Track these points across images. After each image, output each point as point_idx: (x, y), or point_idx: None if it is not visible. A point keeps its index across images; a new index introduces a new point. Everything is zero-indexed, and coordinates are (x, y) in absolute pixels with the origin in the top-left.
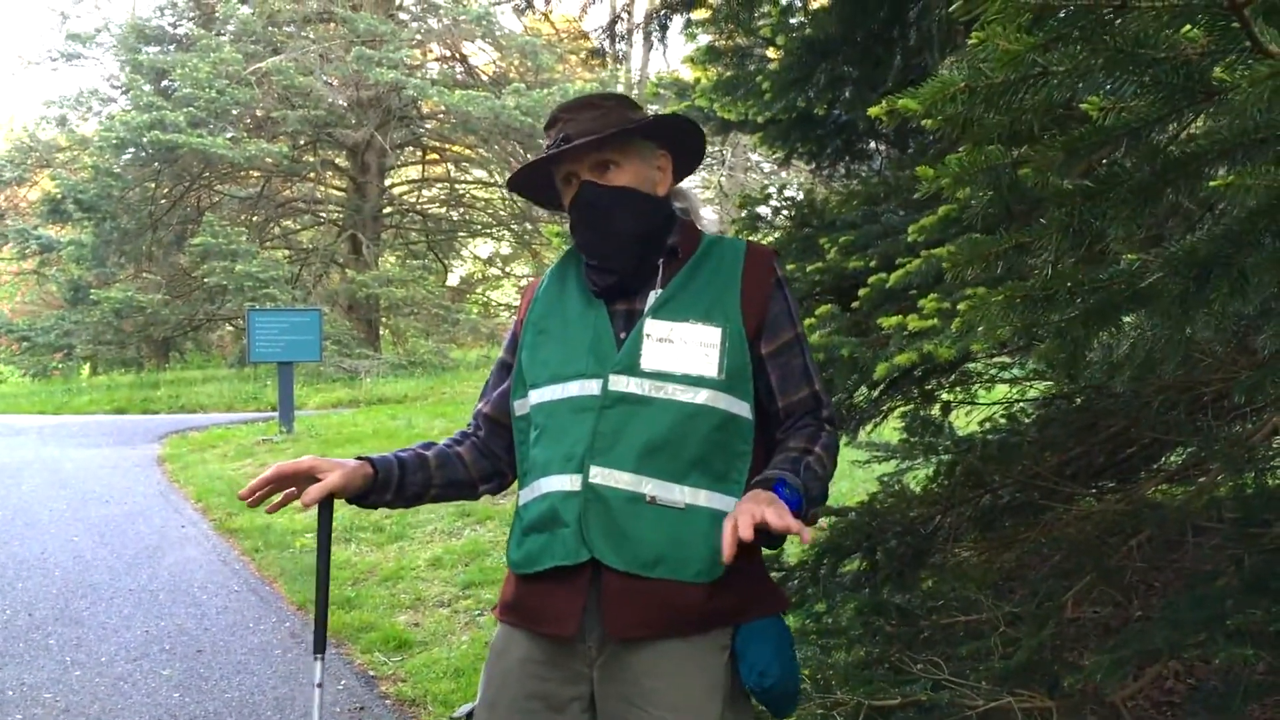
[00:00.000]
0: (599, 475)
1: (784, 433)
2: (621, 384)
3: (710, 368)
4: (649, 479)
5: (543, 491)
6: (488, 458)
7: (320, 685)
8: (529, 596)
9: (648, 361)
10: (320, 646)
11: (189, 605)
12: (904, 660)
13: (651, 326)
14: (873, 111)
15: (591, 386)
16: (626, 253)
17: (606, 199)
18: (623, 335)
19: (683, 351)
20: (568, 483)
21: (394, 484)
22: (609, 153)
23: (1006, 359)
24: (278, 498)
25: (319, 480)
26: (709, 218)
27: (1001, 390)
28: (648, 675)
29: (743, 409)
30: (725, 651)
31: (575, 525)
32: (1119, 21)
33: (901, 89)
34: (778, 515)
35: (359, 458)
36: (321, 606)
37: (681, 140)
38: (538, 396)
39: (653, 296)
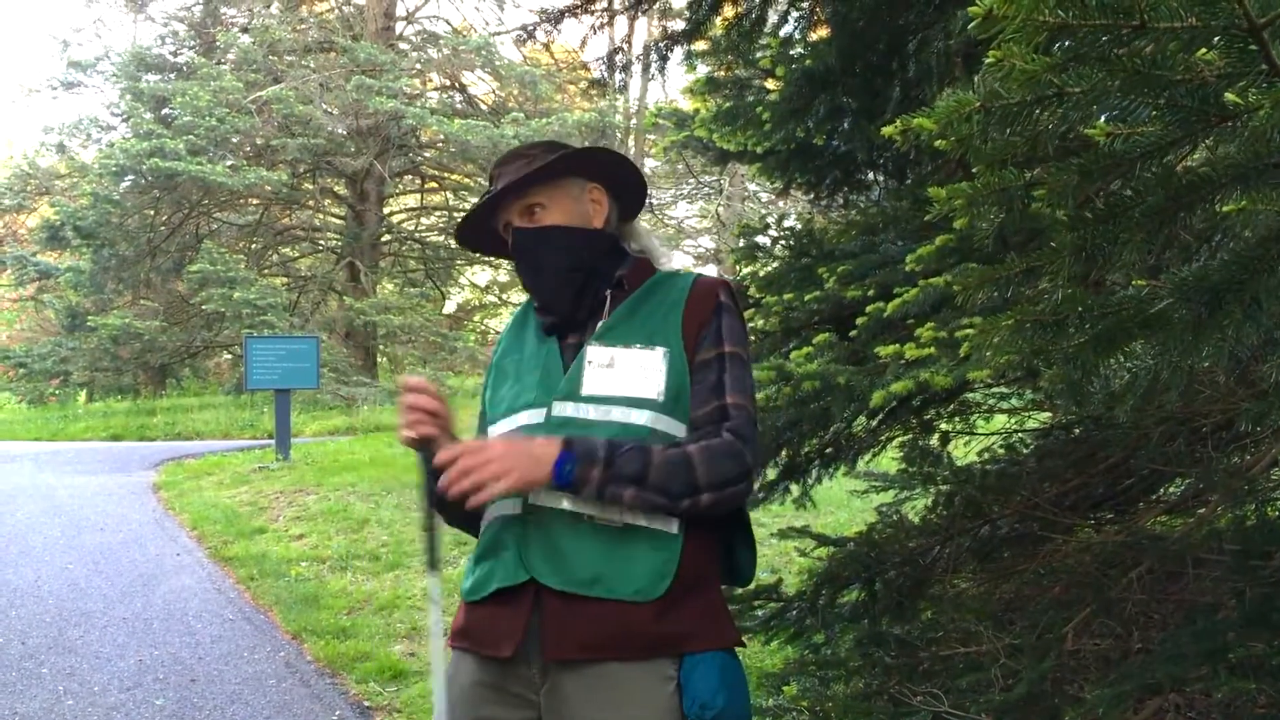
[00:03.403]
0: (536, 496)
1: None
2: (564, 409)
3: (651, 389)
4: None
5: (491, 518)
6: None
7: (436, 603)
8: (475, 621)
9: (589, 387)
10: (435, 564)
11: (183, 634)
12: (903, 692)
13: (593, 353)
14: (886, 131)
15: (537, 415)
16: (562, 288)
17: (533, 239)
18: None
19: (624, 376)
20: (510, 507)
21: None
22: (533, 196)
23: (1005, 389)
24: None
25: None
26: (663, 253)
27: (1000, 420)
28: (587, 703)
29: (681, 430)
30: (671, 683)
31: (515, 548)
32: (1136, 43)
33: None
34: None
35: None
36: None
37: (611, 171)
38: (493, 431)
39: (599, 326)
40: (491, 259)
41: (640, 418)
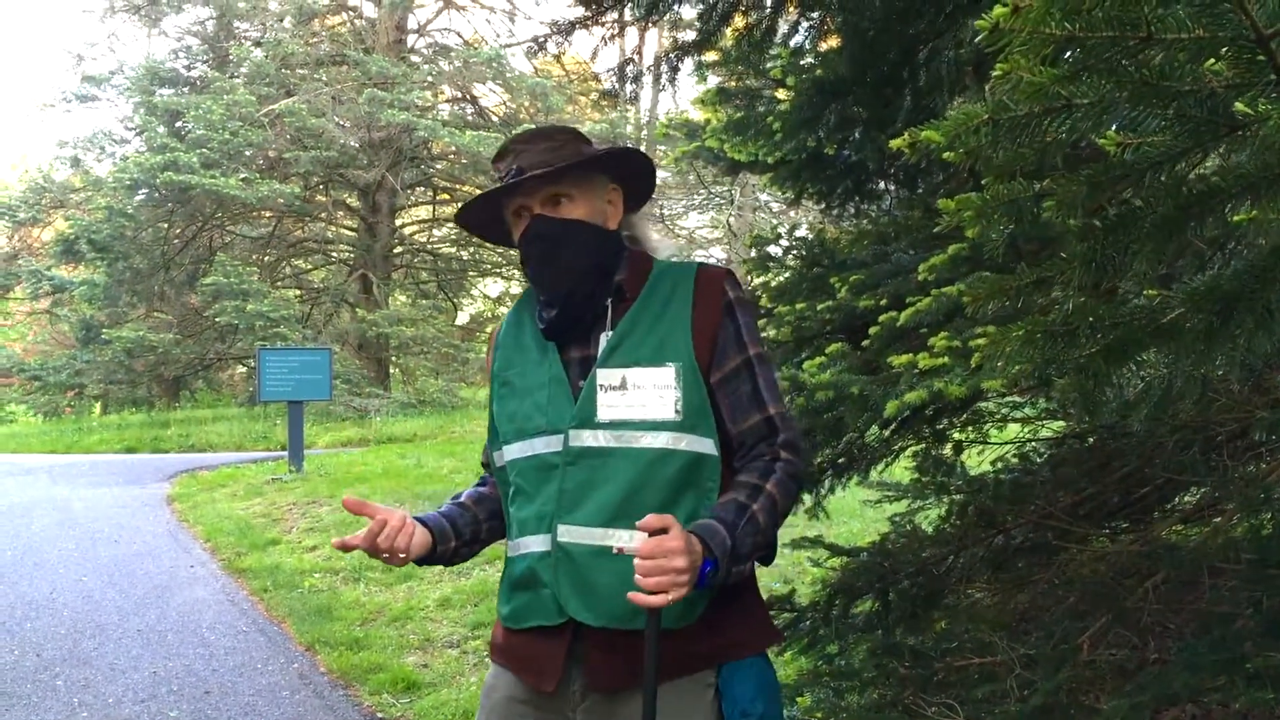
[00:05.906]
0: (566, 534)
1: (740, 462)
2: (581, 438)
3: (667, 410)
4: (618, 531)
5: (522, 551)
6: None
7: None
8: (516, 644)
9: (604, 412)
10: None
11: (197, 646)
12: (918, 703)
13: (604, 376)
14: (895, 144)
15: (554, 443)
16: (577, 285)
17: (558, 231)
18: (580, 384)
19: (638, 397)
20: (540, 543)
21: (450, 534)
22: (563, 186)
23: (1018, 398)
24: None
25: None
26: (656, 239)
27: (1013, 430)
28: (630, 718)
29: (707, 446)
30: (711, 689)
31: (550, 588)
32: (1143, 54)
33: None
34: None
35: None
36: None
37: (632, 173)
38: (509, 454)
39: (604, 340)
40: (502, 272)
41: (659, 440)
